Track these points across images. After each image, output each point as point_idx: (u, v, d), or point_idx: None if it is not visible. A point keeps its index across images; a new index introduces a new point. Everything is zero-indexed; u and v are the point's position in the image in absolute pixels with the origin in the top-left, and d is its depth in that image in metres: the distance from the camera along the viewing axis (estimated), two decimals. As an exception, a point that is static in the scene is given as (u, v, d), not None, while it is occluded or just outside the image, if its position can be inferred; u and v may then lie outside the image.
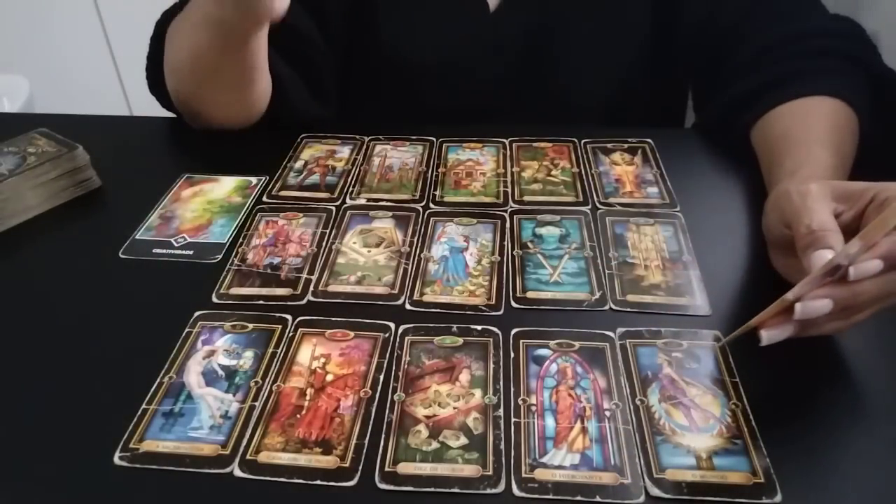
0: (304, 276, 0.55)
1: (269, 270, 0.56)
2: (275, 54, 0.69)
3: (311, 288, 0.54)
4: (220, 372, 0.47)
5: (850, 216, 0.45)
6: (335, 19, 0.75)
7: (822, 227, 0.43)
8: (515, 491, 0.39)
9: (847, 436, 0.42)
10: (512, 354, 0.48)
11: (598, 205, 0.63)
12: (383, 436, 0.43)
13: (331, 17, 0.75)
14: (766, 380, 0.46)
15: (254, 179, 0.68)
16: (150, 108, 0.79)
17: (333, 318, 0.51)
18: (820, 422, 0.43)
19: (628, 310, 0.51)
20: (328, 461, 0.41)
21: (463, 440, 0.42)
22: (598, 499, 0.39)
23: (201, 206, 0.64)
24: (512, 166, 0.69)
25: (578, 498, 0.39)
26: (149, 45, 0.74)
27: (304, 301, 0.53)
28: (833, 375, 0.46)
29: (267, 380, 0.47)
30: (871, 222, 0.39)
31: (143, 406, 0.45)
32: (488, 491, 0.39)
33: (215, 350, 0.49)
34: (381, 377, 0.47)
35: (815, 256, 0.42)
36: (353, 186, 0.66)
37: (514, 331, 0.50)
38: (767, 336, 0.43)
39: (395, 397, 0.45)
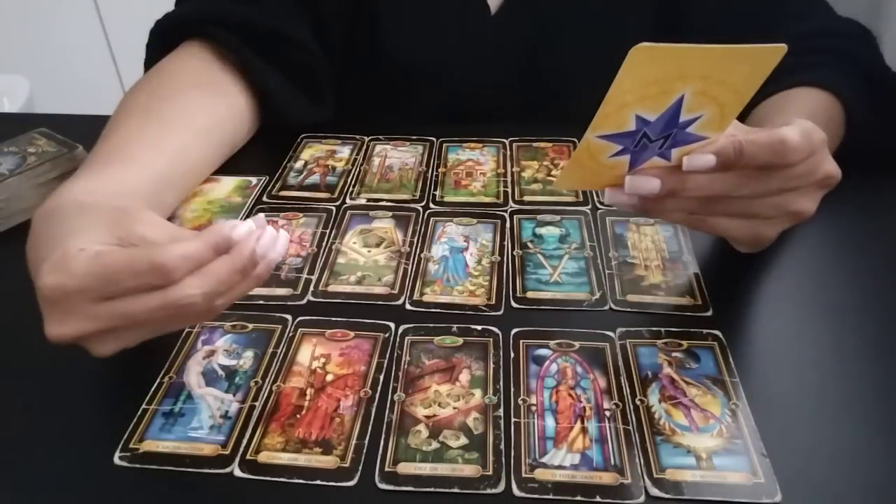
0: (304, 276, 0.55)
1: (269, 270, 0.56)
2: (263, 64, 0.67)
3: (311, 288, 0.54)
4: (220, 372, 0.47)
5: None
6: (334, 23, 0.75)
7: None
8: (515, 491, 0.39)
9: (847, 435, 0.42)
10: (512, 354, 0.48)
11: (598, 205, 0.63)
12: (383, 436, 0.43)
13: (329, 21, 0.74)
14: (766, 380, 0.46)
15: (254, 179, 0.68)
16: (150, 108, 0.79)
17: (333, 318, 0.51)
18: (820, 421, 0.43)
19: (628, 310, 0.51)
20: (328, 461, 0.41)
21: (463, 440, 0.42)
22: (598, 499, 0.39)
23: (201, 206, 0.64)
24: (512, 166, 0.69)
25: (578, 498, 0.39)
26: (146, 51, 0.73)
27: (304, 301, 0.53)
28: (832, 375, 0.46)
29: (267, 380, 0.47)
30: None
31: (143, 406, 0.45)
32: (488, 491, 0.39)
33: (215, 350, 0.49)
34: (381, 377, 0.47)
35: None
36: (353, 186, 0.66)
37: (514, 331, 0.50)
38: (609, 195, 0.45)
39: (395, 397, 0.45)
